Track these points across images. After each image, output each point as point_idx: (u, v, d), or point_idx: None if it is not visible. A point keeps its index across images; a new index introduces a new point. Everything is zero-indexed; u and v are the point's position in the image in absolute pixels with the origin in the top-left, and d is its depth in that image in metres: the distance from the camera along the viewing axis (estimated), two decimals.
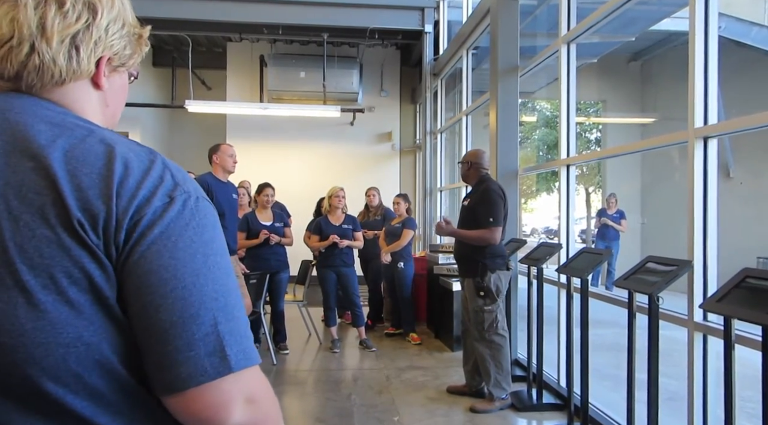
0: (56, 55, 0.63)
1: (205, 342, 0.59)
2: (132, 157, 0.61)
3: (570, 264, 3.13)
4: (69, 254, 0.55)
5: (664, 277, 2.28)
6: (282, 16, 6.93)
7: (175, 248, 0.59)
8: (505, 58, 4.50)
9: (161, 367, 0.58)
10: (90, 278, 0.56)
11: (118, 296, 0.59)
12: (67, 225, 0.55)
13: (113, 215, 0.57)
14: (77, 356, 0.56)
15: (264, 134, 8.65)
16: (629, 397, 2.48)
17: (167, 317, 0.58)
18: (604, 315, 4.28)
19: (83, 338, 0.56)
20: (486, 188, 3.45)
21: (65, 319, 0.55)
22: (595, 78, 9.33)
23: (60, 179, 0.56)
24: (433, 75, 7.27)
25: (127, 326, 0.59)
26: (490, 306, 3.36)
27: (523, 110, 13.41)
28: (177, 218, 0.60)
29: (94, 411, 0.58)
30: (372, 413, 3.37)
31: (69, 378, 0.56)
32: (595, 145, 14.44)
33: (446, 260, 5.44)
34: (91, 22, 0.65)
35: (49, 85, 0.64)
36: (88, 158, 0.59)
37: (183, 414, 0.60)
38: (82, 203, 0.56)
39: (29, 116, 0.61)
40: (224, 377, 0.59)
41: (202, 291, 0.60)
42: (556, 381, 3.73)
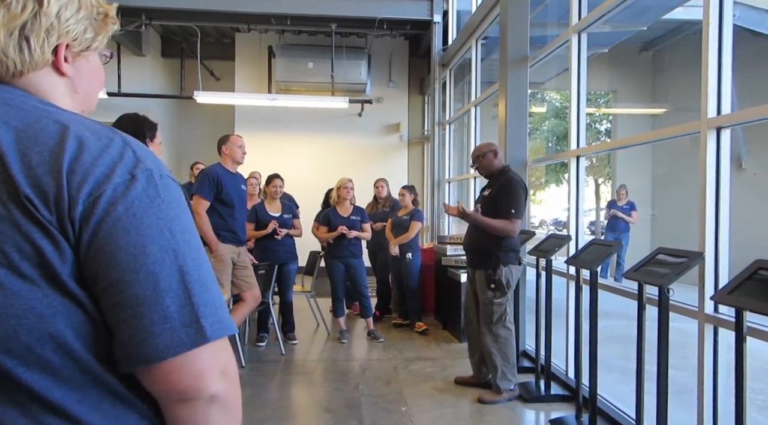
0: (6, 48, 0.63)
1: (181, 313, 0.60)
2: (88, 135, 0.61)
3: (579, 256, 3.11)
4: (20, 229, 0.56)
5: (675, 269, 2.26)
6: (290, 6, 6.91)
7: (141, 224, 0.59)
8: (514, 49, 4.46)
9: (136, 341, 0.58)
10: (41, 253, 0.56)
11: (79, 272, 0.59)
12: (17, 201, 0.56)
13: (64, 191, 0.57)
14: (28, 327, 0.56)
15: (272, 125, 8.65)
16: (638, 389, 2.47)
17: (140, 292, 0.59)
18: (612, 307, 4.27)
19: (35, 310, 0.56)
20: (509, 179, 3.41)
21: (17, 291, 0.56)
22: (606, 68, 9.22)
23: (9, 157, 0.57)
24: (442, 66, 7.22)
25: (87, 302, 0.59)
26: (500, 299, 3.35)
27: (533, 101, 13.30)
28: (141, 195, 0.60)
29: (46, 385, 0.58)
30: (380, 403, 3.39)
31: (20, 350, 0.56)
32: (605, 136, 14.31)
33: (454, 252, 5.44)
34: (38, 10, 0.63)
35: (8, 76, 0.64)
36: (40, 137, 0.59)
37: (160, 386, 0.61)
38: (32, 179, 0.56)
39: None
40: (201, 346, 0.60)
41: (173, 265, 0.60)
42: (564, 373, 3.73)
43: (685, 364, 3.22)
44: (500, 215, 3.31)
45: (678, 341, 2.56)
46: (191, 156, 7.77)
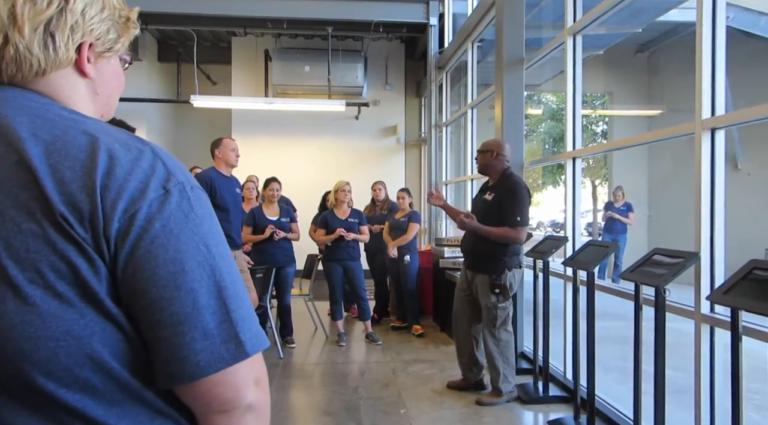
0: (30, 44, 0.61)
1: (220, 329, 0.60)
2: (117, 147, 0.59)
3: (576, 257, 3.12)
4: (55, 248, 0.55)
5: (671, 269, 2.27)
6: (286, 10, 6.92)
7: (178, 241, 0.59)
8: (510, 51, 4.47)
9: (178, 359, 0.58)
10: (77, 272, 0.55)
11: (115, 290, 0.58)
12: (52, 219, 0.55)
13: (99, 208, 0.56)
14: (67, 349, 0.55)
15: (269, 129, 8.66)
16: (636, 389, 2.48)
17: (181, 309, 0.58)
18: (610, 308, 4.28)
19: (73, 331, 0.55)
20: (515, 184, 3.35)
21: (54, 313, 0.55)
22: (602, 70, 9.26)
23: (41, 173, 0.55)
24: (438, 68, 7.24)
25: (124, 320, 0.58)
26: (503, 303, 3.33)
27: (529, 103, 13.34)
28: (176, 211, 0.59)
29: (87, 404, 0.57)
30: (378, 406, 3.39)
31: (60, 372, 0.56)
32: (601, 137, 14.36)
33: (452, 254, 5.44)
34: (64, 6, 0.62)
35: (30, 76, 0.63)
36: (71, 151, 0.57)
37: (201, 399, 0.62)
38: (66, 197, 0.55)
39: (11, 109, 0.59)
40: (243, 360, 0.61)
41: (211, 281, 0.60)
42: (562, 374, 3.74)
43: (682, 364, 3.22)
44: (505, 223, 3.25)
45: (675, 341, 2.56)
46: (188, 161, 7.76)
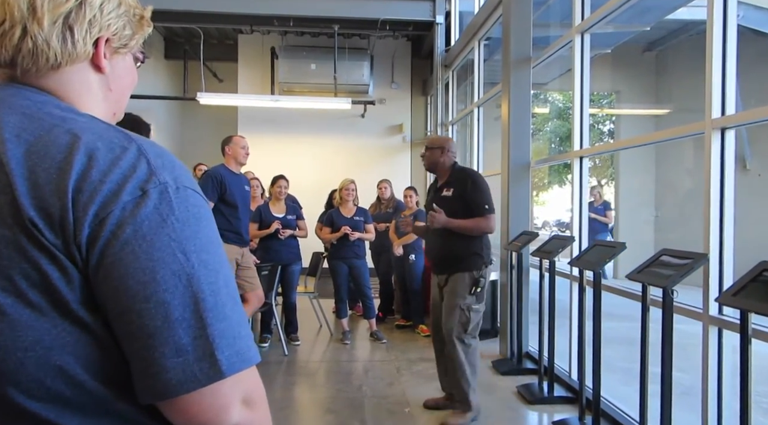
0: (49, 37, 0.60)
1: (194, 345, 0.55)
2: (99, 146, 0.56)
3: (583, 257, 3.10)
4: (26, 255, 0.53)
5: (679, 270, 2.25)
6: (293, 7, 6.92)
7: (151, 248, 0.54)
8: (517, 49, 4.45)
9: (149, 374, 0.55)
10: (48, 280, 0.53)
11: (90, 296, 0.55)
12: (22, 225, 0.52)
13: (69, 213, 0.53)
14: (36, 360, 0.53)
15: (275, 127, 8.66)
16: (642, 391, 2.46)
17: (150, 323, 0.54)
18: (615, 308, 4.25)
19: (43, 342, 0.53)
20: (472, 174, 3.24)
21: (25, 322, 0.53)
22: (609, 69, 9.20)
23: (16, 176, 0.53)
24: (445, 66, 7.21)
25: (99, 329, 0.56)
26: (477, 305, 3.09)
27: (536, 102, 13.28)
28: (152, 214, 0.55)
29: (59, 416, 0.55)
30: (383, 404, 3.39)
31: (29, 383, 0.54)
32: (608, 137, 14.28)
33: None
34: (84, 0, 0.62)
35: (45, 69, 0.62)
36: (50, 151, 0.55)
37: (180, 418, 0.58)
38: (37, 200, 0.53)
39: (4, 108, 0.58)
40: (226, 378, 0.56)
41: (186, 293, 0.55)
42: (567, 374, 3.72)
43: (689, 366, 3.20)
44: (474, 213, 3.07)
45: (682, 343, 2.54)
46: (194, 158, 7.78)
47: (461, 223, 3.09)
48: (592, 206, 8.30)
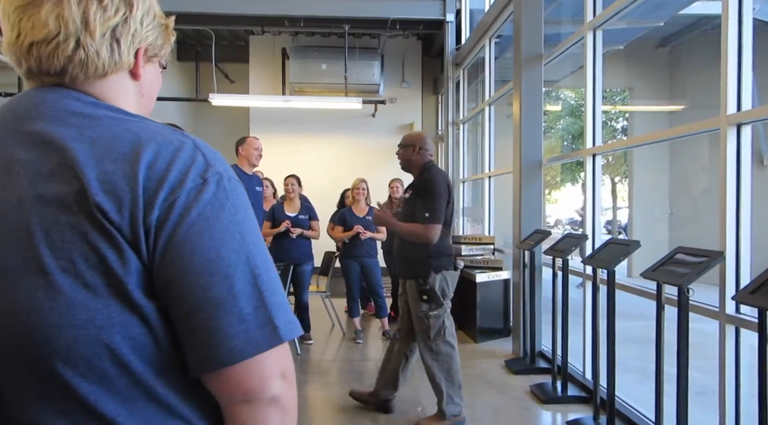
0: (99, 48, 0.65)
1: (255, 315, 0.61)
2: (160, 140, 0.62)
3: (596, 255, 3.08)
4: (86, 238, 0.57)
5: (695, 268, 2.22)
6: (303, 8, 6.94)
7: (213, 229, 0.60)
8: (528, 47, 4.42)
9: (213, 344, 0.59)
10: (106, 262, 0.57)
11: (147, 282, 0.59)
12: (87, 211, 0.57)
13: (140, 197, 0.58)
14: (87, 338, 0.56)
15: (286, 127, 8.70)
16: (657, 391, 2.43)
17: (216, 295, 0.59)
18: (629, 307, 4.22)
19: (95, 321, 0.57)
20: (428, 178, 2.97)
21: (80, 301, 0.56)
22: (622, 65, 9.10)
23: (84, 167, 0.58)
24: (455, 65, 7.19)
25: (151, 313, 0.59)
26: (435, 311, 2.94)
27: (547, 99, 13.18)
28: (213, 200, 0.61)
29: (100, 397, 0.58)
30: (396, 403, 3.38)
31: (78, 360, 0.57)
32: (621, 134, 14.13)
33: (469, 252, 5.41)
34: (128, 14, 0.67)
35: (92, 77, 0.67)
36: (114, 146, 0.60)
37: (227, 387, 0.62)
38: (105, 185, 0.57)
39: (59, 110, 0.63)
40: (272, 349, 0.61)
41: (245, 268, 0.61)
42: (581, 374, 3.69)
43: (706, 365, 3.16)
44: (416, 219, 2.91)
45: (698, 342, 2.51)
46: None
47: (400, 226, 2.99)
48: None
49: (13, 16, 0.63)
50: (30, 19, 0.63)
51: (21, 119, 0.62)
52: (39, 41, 0.63)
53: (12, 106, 0.65)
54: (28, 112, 0.63)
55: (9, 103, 0.66)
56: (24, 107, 0.64)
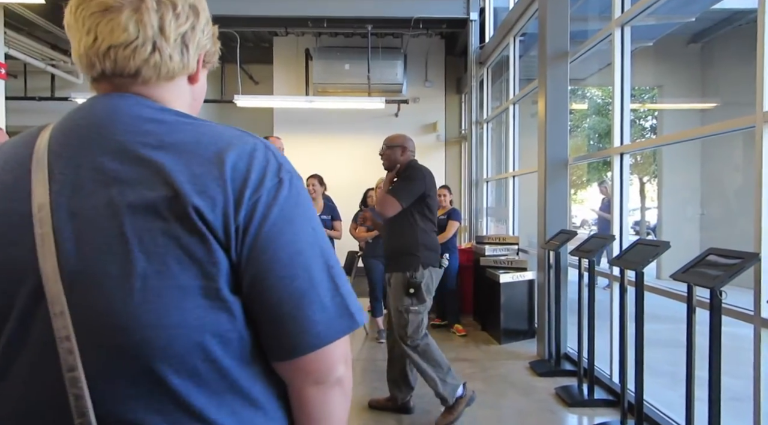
0: (173, 52, 0.70)
1: (333, 303, 0.66)
2: (236, 143, 0.66)
3: (624, 256, 3.01)
4: (179, 242, 0.60)
5: (728, 270, 2.16)
6: (327, 9, 6.97)
7: (292, 224, 0.65)
8: (554, 44, 4.36)
9: (298, 332, 0.64)
10: (200, 263, 0.60)
11: (233, 279, 0.62)
12: (182, 215, 0.60)
13: (231, 197, 0.62)
14: (182, 337, 0.59)
15: (310, 127, 8.76)
16: (688, 395, 2.37)
17: (301, 286, 0.64)
18: (657, 310, 4.12)
19: (189, 321, 0.60)
20: (411, 168, 3.13)
21: (175, 303, 0.59)
22: (651, 62, 8.90)
23: (172, 173, 0.61)
24: (479, 64, 7.13)
25: (236, 309, 0.63)
26: (417, 307, 3.00)
27: (573, 98, 12.97)
28: (288, 198, 0.66)
29: (191, 392, 0.61)
30: (419, 404, 3.37)
31: (174, 359, 0.60)
32: (650, 132, 13.82)
33: (493, 252, 5.36)
34: (195, 23, 0.72)
35: (162, 79, 0.71)
36: (197, 150, 0.64)
37: (302, 371, 0.67)
38: (198, 189, 0.61)
39: (134, 117, 0.67)
40: (345, 336, 0.67)
41: (321, 260, 0.67)
42: (608, 377, 3.62)
43: (739, 371, 3.05)
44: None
45: (731, 346, 2.43)
46: None
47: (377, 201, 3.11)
48: (603, 203, 8.09)
49: (90, 20, 0.66)
50: (109, 24, 0.66)
51: (99, 127, 0.65)
52: (118, 44, 0.67)
53: (84, 114, 0.67)
54: (106, 120, 0.66)
55: (81, 112, 0.68)
56: (99, 115, 0.67)
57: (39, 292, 0.59)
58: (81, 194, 0.61)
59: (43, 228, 0.60)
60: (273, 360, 0.66)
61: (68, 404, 0.58)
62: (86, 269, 0.59)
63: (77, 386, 0.58)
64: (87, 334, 0.59)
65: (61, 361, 0.58)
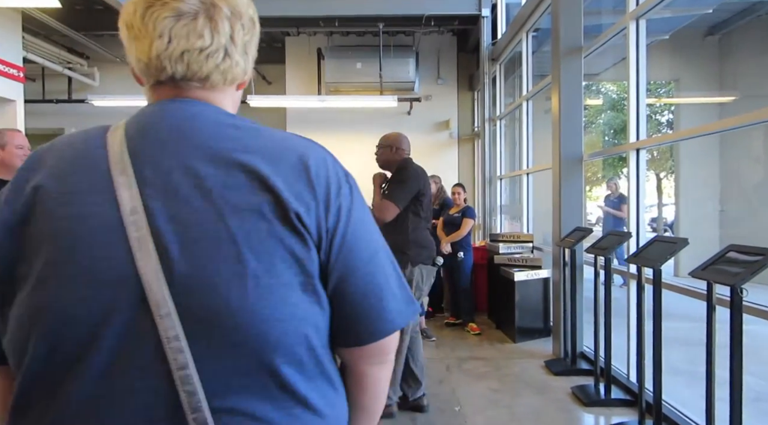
0: (240, 58, 0.74)
1: (401, 293, 0.74)
2: (308, 151, 0.71)
3: (641, 253, 2.96)
4: (283, 242, 0.64)
5: (749, 267, 2.11)
6: (338, 8, 6.97)
7: (366, 225, 0.73)
8: (567, 39, 4.30)
9: (379, 319, 0.71)
10: (300, 262, 0.65)
11: (322, 276, 0.67)
12: (284, 217, 0.64)
13: (321, 202, 0.67)
14: (292, 330, 0.64)
15: (323, 126, 8.77)
16: (708, 395, 2.32)
17: (379, 279, 0.72)
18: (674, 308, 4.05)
19: (296, 314, 0.64)
20: (401, 167, 3.14)
21: (283, 299, 0.63)
22: (667, 55, 8.74)
23: (269, 178, 0.65)
24: (492, 60, 7.08)
25: (325, 301, 0.68)
26: None
27: (587, 93, 12.82)
28: (358, 201, 0.73)
29: (296, 380, 0.65)
30: (433, 402, 3.36)
31: (285, 350, 0.64)
32: (666, 127, 13.60)
33: (507, 250, 5.32)
34: (253, 34, 0.76)
35: (227, 84, 0.75)
36: (282, 156, 0.68)
37: (371, 353, 0.74)
38: (294, 195, 0.65)
39: (213, 123, 0.69)
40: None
41: (387, 256, 0.75)
42: (625, 376, 3.57)
43: (760, 370, 3.00)
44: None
45: (753, 345, 2.38)
46: None
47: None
48: (608, 200, 7.97)
49: (162, 24, 0.68)
50: (184, 28, 0.68)
51: (183, 132, 0.67)
52: (193, 49, 0.69)
53: (160, 118, 0.69)
54: (188, 125, 0.68)
55: (155, 116, 0.70)
56: (179, 119, 0.69)
57: (139, 295, 0.60)
58: (177, 198, 0.63)
59: (140, 232, 0.61)
60: (344, 346, 0.72)
61: (179, 401, 0.60)
62: (196, 272, 0.61)
63: (190, 383, 0.60)
64: (199, 333, 0.60)
65: (170, 360, 0.60)
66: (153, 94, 0.74)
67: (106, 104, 7.52)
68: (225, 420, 0.61)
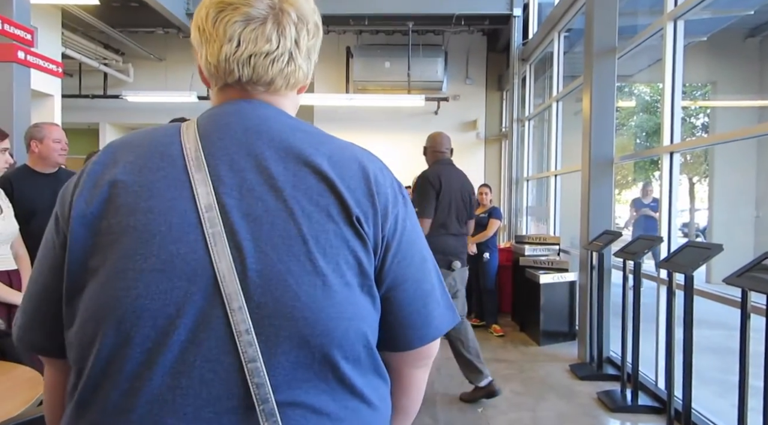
0: (303, 62, 0.75)
1: (443, 300, 0.77)
2: (366, 159, 0.73)
3: (673, 258, 2.90)
4: (348, 244, 0.66)
5: None
6: (368, 6, 7.00)
7: (416, 234, 0.75)
8: (601, 39, 4.23)
9: (425, 324, 0.74)
10: (361, 264, 0.67)
11: (377, 279, 0.70)
12: (349, 220, 0.66)
13: (379, 211, 0.69)
14: (353, 328, 0.66)
15: (350, 124, 8.81)
16: (741, 405, 2.26)
17: (427, 287, 0.74)
18: (707, 315, 3.96)
19: (359, 313, 0.67)
20: (419, 176, 3.19)
21: (347, 298, 0.66)
22: (704, 57, 8.51)
23: (336, 182, 0.67)
24: (522, 60, 7.01)
25: (379, 303, 0.70)
26: None
27: (619, 95, 12.57)
28: (409, 210, 0.75)
29: (353, 374, 0.67)
30: (455, 403, 3.36)
31: (347, 347, 0.66)
32: (701, 131, 13.24)
33: (533, 252, 5.27)
34: (316, 39, 0.78)
35: (290, 88, 0.77)
36: (346, 163, 0.70)
37: (417, 356, 0.77)
38: (356, 201, 0.68)
39: (283, 125, 0.72)
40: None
41: (432, 264, 0.77)
42: (653, 383, 3.51)
43: None
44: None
45: None
46: None
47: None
48: (641, 202, 7.81)
49: (232, 28, 0.70)
50: (253, 32, 0.70)
51: (256, 133, 0.69)
52: (260, 53, 0.71)
53: (234, 119, 0.71)
54: (262, 127, 0.70)
55: (228, 117, 0.71)
56: (252, 121, 0.71)
57: (214, 289, 0.62)
58: (251, 196, 0.65)
59: (215, 228, 0.63)
60: (391, 350, 0.74)
61: (248, 393, 0.62)
62: (268, 268, 0.63)
63: (259, 375, 0.62)
64: (268, 327, 0.62)
65: (241, 353, 0.61)
66: (220, 97, 0.75)
67: (139, 100, 7.71)
68: (288, 413, 0.63)
